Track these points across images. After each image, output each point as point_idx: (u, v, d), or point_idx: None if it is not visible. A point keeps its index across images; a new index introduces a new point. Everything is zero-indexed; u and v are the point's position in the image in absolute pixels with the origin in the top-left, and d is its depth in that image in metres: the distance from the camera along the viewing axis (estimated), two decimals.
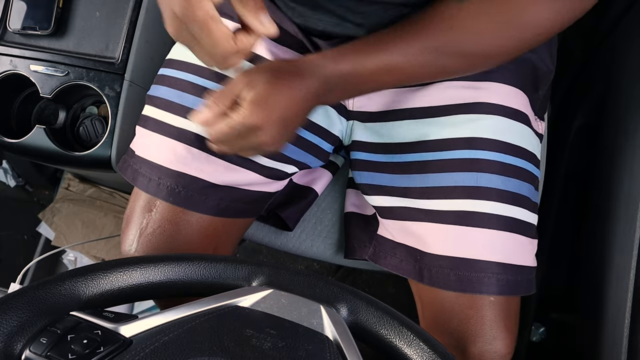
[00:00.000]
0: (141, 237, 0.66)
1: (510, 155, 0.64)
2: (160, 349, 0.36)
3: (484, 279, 0.62)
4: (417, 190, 0.65)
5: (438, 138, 0.65)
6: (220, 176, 0.66)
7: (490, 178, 0.63)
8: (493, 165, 0.63)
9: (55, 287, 0.40)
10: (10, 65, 0.83)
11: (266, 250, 1.41)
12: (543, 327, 1.03)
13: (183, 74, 0.68)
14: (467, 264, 0.62)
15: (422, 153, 0.65)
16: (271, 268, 0.44)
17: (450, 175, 0.63)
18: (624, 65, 0.83)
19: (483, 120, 0.64)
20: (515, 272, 0.64)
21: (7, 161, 1.39)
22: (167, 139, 0.66)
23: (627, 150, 0.74)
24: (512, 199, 0.63)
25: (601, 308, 0.74)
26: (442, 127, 0.65)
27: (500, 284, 0.62)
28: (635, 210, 0.66)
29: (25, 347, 0.37)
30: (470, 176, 0.63)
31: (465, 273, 0.62)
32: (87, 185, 1.32)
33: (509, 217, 0.63)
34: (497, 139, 0.63)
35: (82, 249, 1.30)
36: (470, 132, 0.64)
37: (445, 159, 0.64)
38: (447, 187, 0.63)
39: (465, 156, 0.63)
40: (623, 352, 0.63)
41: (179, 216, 0.66)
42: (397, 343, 0.41)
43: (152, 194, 0.65)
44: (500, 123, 0.64)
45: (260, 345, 0.38)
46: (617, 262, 0.70)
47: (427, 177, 0.65)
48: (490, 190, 0.63)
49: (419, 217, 0.65)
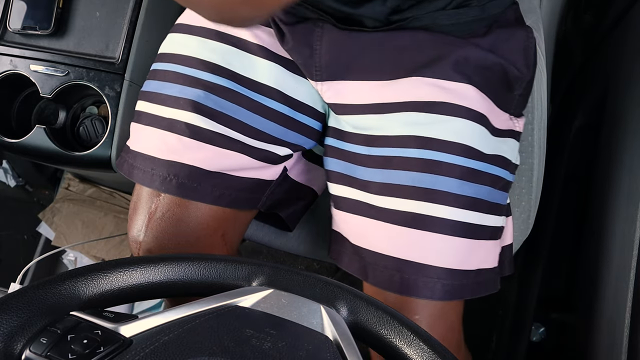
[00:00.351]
0: (150, 221, 0.66)
1: (470, 159, 0.63)
2: (160, 348, 0.36)
3: (429, 284, 0.62)
4: (376, 185, 0.64)
5: (398, 134, 0.64)
6: (212, 162, 0.66)
7: (447, 182, 0.62)
8: (451, 168, 0.62)
9: (55, 287, 0.40)
10: (11, 65, 0.83)
11: (266, 250, 1.41)
12: (543, 327, 1.04)
13: (169, 66, 0.69)
14: (415, 268, 0.62)
15: (384, 148, 0.64)
16: (271, 268, 0.44)
17: (408, 174, 0.62)
18: (624, 65, 0.83)
19: (445, 122, 0.62)
20: (460, 277, 0.63)
21: (7, 161, 1.39)
22: (158, 130, 0.66)
23: (627, 150, 0.74)
24: (468, 203, 0.63)
25: (601, 308, 0.74)
26: (404, 124, 0.63)
27: (445, 289, 0.62)
28: (635, 210, 0.66)
29: (26, 347, 0.37)
30: (428, 178, 0.62)
31: (411, 277, 0.62)
32: (87, 185, 1.32)
33: (463, 222, 0.62)
34: (456, 142, 0.62)
35: (82, 249, 1.30)
36: (430, 132, 0.62)
37: (404, 157, 0.63)
38: (404, 186, 0.62)
39: (422, 156, 0.62)
40: (623, 352, 0.63)
41: (185, 202, 0.66)
42: (397, 343, 0.41)
43: (146, 185, 0.66)
44: (462, 125, 0.62)
45: (260, 345, 0.38)
46: (617, 262, 0.70)
47: (388, 173, 0.64)
48: (446, 194, 0.62)
49: (371, 213, 0.64)
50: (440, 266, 0.62)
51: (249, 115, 0.68)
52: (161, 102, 0.67)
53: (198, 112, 0.66)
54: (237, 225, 0.72)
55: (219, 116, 0.67)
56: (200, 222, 0.67)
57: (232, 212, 0.70)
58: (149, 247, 0.67)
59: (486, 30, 0.66)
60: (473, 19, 0.64)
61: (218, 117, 0.66)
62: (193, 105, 0.66)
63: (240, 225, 0.74)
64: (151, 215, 0.66)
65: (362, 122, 0.66)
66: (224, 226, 0.69)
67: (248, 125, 0.68)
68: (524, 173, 0.77)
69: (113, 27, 0.84)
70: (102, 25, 0.85)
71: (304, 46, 0.65)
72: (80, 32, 0.85)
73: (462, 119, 0.62)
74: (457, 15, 0.63)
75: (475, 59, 0.64)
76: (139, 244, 0.67)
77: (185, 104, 0.66)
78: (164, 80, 0.68)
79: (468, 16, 0.63)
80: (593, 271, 0.80)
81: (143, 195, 0.68)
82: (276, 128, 0.70)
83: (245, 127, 0.68)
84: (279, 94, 0.69)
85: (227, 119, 0.67)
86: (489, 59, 0.64)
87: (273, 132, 0.70)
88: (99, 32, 0.85)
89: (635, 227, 0.65)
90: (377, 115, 0.65)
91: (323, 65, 0.66)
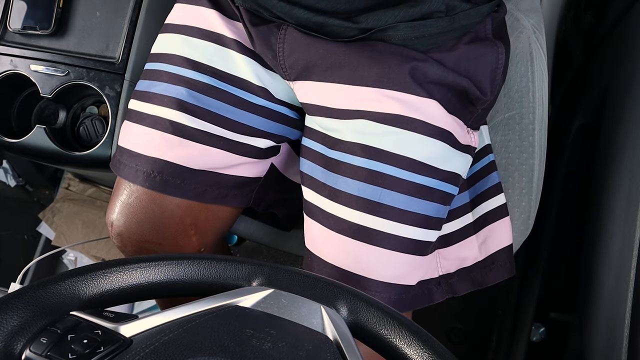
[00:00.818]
0: (122, 205, 0.69)
1: (421, 175, 0.62)
2: (160, 348, 0.36)
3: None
4: (327, 189, 0.64)
5: (348, 140, 0.63)
6: (196, 160, 0.67)
7: (394, 196, 0.61)
8: (398, 182, 0.61)
9: (55, 286, 0.40)
10: (11, 65, 0.83)
11: (266, 250, 1.41)
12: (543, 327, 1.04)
13: (157, 65, 0.70)
14: (354, 279, 0.62)
15: (338, 152, 0.64)
16: (271, 268, 0.44)
17: (354, 182, 0.61)
18: (624, 65, 0.83)
19: (396, 134, 0.61)
20: (399, 291, 0.64)
21: (7, 161, 1.39)
22: (143, 127, 0.67)
23: (627, 150, 0.74)
24: (415, 220, 0.62)
25: (601, 308, 0.74)
26: (354, 131, 0.62)
27: (383, 302, 0.63)
28: (635, 210, 0.66)
29: (26, 346, 0.37)
30: (373, 190, 0.61)
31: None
32: (88, 185, 1.32)
33: (408, 239, 0.62)
34: (406, 156, 0.61)
35: (82, 248, 1.30)
36: (379, 143, 0.61)
37: (350, 164, 0.62)
38: (350, 195, 0.62)
39: (368, 166, 0.61)
40: (623, 352, 0.63)
41: (155, 193, 0.68)
42: (397, 343, 0.41)
43: (130, 181, 0.68)
44: (415, 139, 0.61)
45: (260, 345, 0.38)
46: (617, 262, 0.70)
47: (336, 178, 0.63)
48: (392, 209, 0.61)
49: (320, 219, 0.65)
50: (381, 280, 0.62)
51: (231, 110, 0.68)
52: (148, 99, 0.68)
53: (181, 110, 0.66)
54: (210, 216, 0.73)
55: (202, 113, 0.67)
56: (166, 210, 0.69)
57: (211, 209, 0.71)
58: (119, 230, 0.70)
59: (454, 43, 0.62)
60: (440, 31, 0.60)
61: (201, 114, 0.67)
62: (176, 102, 0.66)
63: (215, 218, 0.74)
64: (123, 200, 0.69)
65: (327, 123, 0.65)
66: (192, 215, 0.70)
67: (230, 120, 0.68)
68: (524, 173, 0.76)
69: (113, 27, 0.84)
70: (103, 25, 0.85)
71: (267, 48, 0.65)
72: (80, 32, 0.85)
73: (416, 133, 0.61)
74: (422, 27, 0.59)
75: (434, 76, 0.61)
76: (112, 225, 0.70)
77: (169, 101, 0.67)
78: (152, 79, 0.69)
79: (435, 28, 0.59)
80: (593, 271, 0.80)
81: (121, 182, 0.70)
82: (258, 120, 0.70)
83: (227, 122, 0.68)
84: (260, 89, 0.69)
85: (209, 115, 0.67)
86: (448, 77, 0.61)
87: (255, 125, 0.70)
88: (99, 32, 0.85)
89: (635, 227, 0.65)
90: (336, 120, 0.64)
91: (287, 66, 0.66)
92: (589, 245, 0.86)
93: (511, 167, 0.77)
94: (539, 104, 0.77)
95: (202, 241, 0.74)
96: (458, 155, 0.65)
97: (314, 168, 0.67)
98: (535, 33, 0.76)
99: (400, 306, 0.65)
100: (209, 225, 0.73)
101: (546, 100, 0.78)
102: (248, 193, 0.74)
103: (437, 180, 0.63)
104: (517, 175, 0.76)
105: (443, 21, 0.59)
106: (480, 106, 0.66)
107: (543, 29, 0.79)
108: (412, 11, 0.58)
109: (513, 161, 0.76)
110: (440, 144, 0.62)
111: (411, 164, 0.61)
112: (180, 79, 0.67)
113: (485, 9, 0.62)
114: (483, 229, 0.72)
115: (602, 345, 0.72)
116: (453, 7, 0.60)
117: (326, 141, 0.66)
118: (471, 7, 0.61)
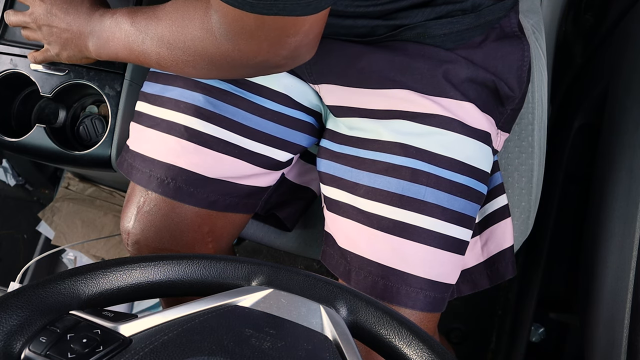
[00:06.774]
0: (139, 213, 0.68)
1: (461, 175, 0.63)
2: (159, 348, 0.36)
3: (412, 294, 0.62)
4: (363, 188, 0.64)
5: (387, 140, 0.63)
6: (211, 168, 0.67)
7: (438, 195, 0.62)
8: (443, 182, 0.62)
9: (54, 286, 0.40)
10: (11, 64, 0.83)
11: (266, 250, 1.41)
12: (542, 327, 1.04)
13: None
14: (398, 276, 0.62)
15: (373, 152, 0.64)
16: (271, 268, 0.44)
17: (397, 181, 0.62)
18: (624, 66, 0.83)
19: (438, 135, 0.62)
20: (442, 289, 0.64)
21: (7, 160, 1.39)
22: (158, 132, 0.67)
23: (627, 150, 0.74)
24: (456, 218, 0.63)
25: (601, 308, 0.74)
26: (394, 131, 0.63)
27: (427, 300, 0.62)
28: (635, 210, 0.66)
29: (25, 346, 0.37)
30: (418, 188, 0.62)
31: (394, 284, 0.62)
32: (87, 185, 1.32)
33: (449, 236, 0.63)
34: (449, 156, 0.62)
35: (81, 248, 1.30)
36: (420, 143, 0.62)
37: (390, 163, 0.63)
38: (390, 193, 0.62)
39: (410, 165, 0.62)
40: (623, 352, 0.63)
41: (173, 201, 0.68)
42: (396, 343, 0.41)
43: (144, 186, 0.67)
44: (455, 139, 0.62)
45: (260, 344, 0.38)
46: (617, 262, 0.70)
47: (374, 177, 0.63)
48: (436, 207, 0.62)
49: (357, 217, 0.64)
50: (425, 277, 0.62)
51: (247, 116, 0.68)
52: (162, 104, 0.68)
53: (197, 116, 0.66)
54: (226, 223, 0.73)
55: (218, 119, 0.67)
56: (185, 218, 0.68)
57: (225, 216, 0.71)
58: (136, 238, 0.69)
59: (482, 39, 0.64)
60: (467, 27, 0.62)
61: (217, 120, 0.67)
62: (192, 108, 0.66)
63: (230, 224, 0.74)
64: (140, 208, 0.68)
65: (358, 124, 0.66)
66: (210, 223, 0.70)
67: (246, 127, 0.68)
68: (524, 173, 0.77)
69: None
70: None
71: None
72: None
73: (455, 133, 0.62)
74: (449, 24, 0.61)
75: (465, 74, 0.63)
76: (128, 234, 0.69)
77: (185, 107, 0.66)
78: (165, 83, 0.69)
79: (462, 25, 0.62)
80: (593, 271, 0.80)
81: (135, 189, 0.69)
82: (275, 127, 0.70)
83: (244, 129, 0.68)
84: (277, 95, 0.69)
85: (226, 121, 0.67)
86: (479, 74, 0.63)
87: (272, 132, 0.70)
88: None
89: (635, 227, 0.65)
90: (371, 120, 0.65)
91: (313, 70, 0.66)
92: (589, 245, 0.86)
93: (510, 168, 0.77)
94: (538, 105, 0.77)
95: (218, 247, 0.73)
96: (490, 155, 0.67)
97: (340, 168, 0.67)
98: (534, 34, 0.76)
99: (440, 306, 0.64)
100: (225, 232, 0.73)
101: (546, 100, 0.78)
102: (257, 201, 0.74)
103: (474, 180, 0.64)
104: (517, 176, 0.76)
105: (469, 17, 0.62)
106: (509, 106, 0.67)
107: (543, 30, 0.79)
108: (439, 9, 0.61)
109: (512, 161, 0.77)
110: (478, 144, 0.64)
111: (452, 163, 0.62)
112: (196, 84, 0.67)
113: (509, 3, 0.65)
114: (486, 230, 0.72)
115: (602, 345, 0.72)
116: (479, 5, 0.62)
117: (354, 142, 0.66)
118: (495, 2, 0.63)
